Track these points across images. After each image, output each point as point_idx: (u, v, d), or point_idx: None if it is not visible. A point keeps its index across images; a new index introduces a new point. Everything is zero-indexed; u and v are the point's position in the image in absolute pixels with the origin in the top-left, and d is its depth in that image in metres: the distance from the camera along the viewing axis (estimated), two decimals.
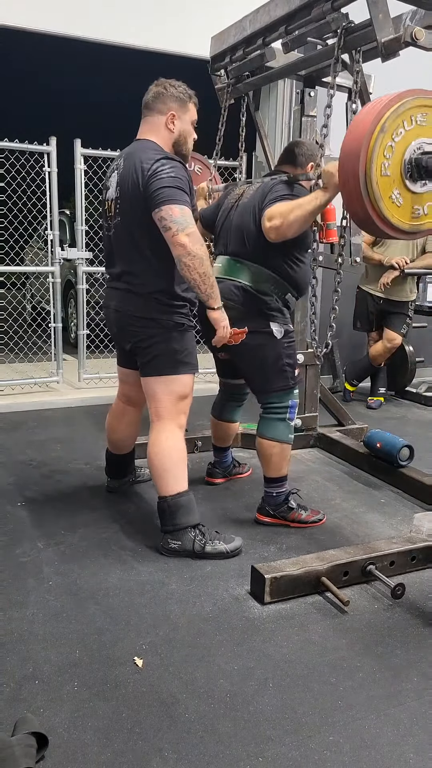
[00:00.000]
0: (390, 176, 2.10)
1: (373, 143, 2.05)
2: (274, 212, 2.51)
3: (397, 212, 2.14)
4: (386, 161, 2.08)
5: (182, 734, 1.63)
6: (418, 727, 1.69)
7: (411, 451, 3.36)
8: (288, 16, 2.73)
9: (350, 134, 2.16)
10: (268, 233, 2.54)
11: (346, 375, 5.39)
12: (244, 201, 2.77)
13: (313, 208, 2.47)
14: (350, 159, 2.13)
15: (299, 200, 2.50)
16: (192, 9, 4.94)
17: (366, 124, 2.08)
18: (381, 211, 2.12)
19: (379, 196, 2.09)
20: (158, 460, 2.53)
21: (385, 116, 2.05)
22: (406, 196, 2.14)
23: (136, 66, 7.02)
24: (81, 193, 5.09)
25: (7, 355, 5.47)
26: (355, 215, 2.25)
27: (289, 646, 2.01)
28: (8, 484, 3.28)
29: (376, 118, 2.06)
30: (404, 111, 2.07)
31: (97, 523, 2.82)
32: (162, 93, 2.47)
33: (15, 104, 10.78)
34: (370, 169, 2.07)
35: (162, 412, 2.55)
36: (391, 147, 2.07)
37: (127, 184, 2.41)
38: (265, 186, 2.70)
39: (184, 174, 2.36)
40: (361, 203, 2.13)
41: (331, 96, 2.57)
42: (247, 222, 2.69)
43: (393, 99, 2.07)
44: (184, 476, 2.56)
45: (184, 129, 2.52)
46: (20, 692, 1.76)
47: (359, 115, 2.17)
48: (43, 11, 4.57)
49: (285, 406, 2.77)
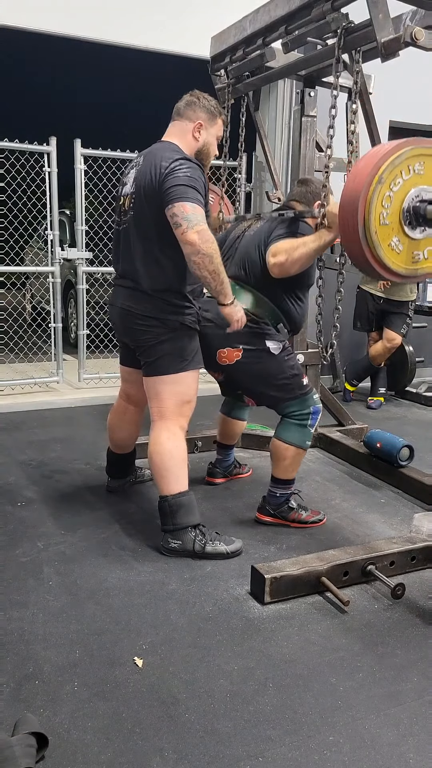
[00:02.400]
0: (389, 225, 2.15)
1: (371, 194, 2.10)
2: (279, 249, 2.57)
3: (397, 258, 2.21)
4: (384, 211, 2.13)
5: (182, 734, 1.63)
6: (418, 727, 1.69)
7: (411, 451, 3.36)
8: (288, 16, 2.73)
9: (348, 185, 2.21)
10: (271, 269, 2.60)
11: (346, 375, 5.39)
12: (250, 233, 2.82)
13: (317, 247, 2.53)
14: (349, 210, 2.18)
15: (304, 239, 2.56)
16: (192, 9, 4.93)
17: (363, 175, 2.13)
18: (380, 258, 2.17)
19: (377, 244, 2.15)
20: (160, 459, 2.53)
21: (382, 168, 2.10)
22: (406, 243, 2.20)
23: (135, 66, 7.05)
24: (81, 193, 5.09)
25: (7, 355, 5.47)
26: (355, 260, 2.31)
27: (289, 646, 2.01)
28: (8, 484, 3.28)
29: (373, 169, 2.10)
30: (401, 162, 2.12)
31: (97, 523, 2.82)
32: (194, 102, 2.53)
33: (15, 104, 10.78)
34: (369, 219, 2.12)
35: (165, 412, 2.55)
36: (390, 197, 2.13)
37: (144, 180, 2.42)
38: (272, 222, 2.75)
39: (200, 176, 2.38)
40: (360, 251, 2.19)
41: (335, 97, 2.57)
42: (251, 253, 2.72)
43: (390, 150, 2.12)
44: (185, 476, 2.56)
45: (209, 141, 2.57)
46: (20, 692, 1.76)
47: (357, 166, 2.21)
48: (43, 11, 4.57)
49: (307, 412, 2.74)
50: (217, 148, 2.63)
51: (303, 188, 2.90)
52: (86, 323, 5.37)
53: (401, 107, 5.22)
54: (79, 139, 5.03)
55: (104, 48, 4.96)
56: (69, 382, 5.37)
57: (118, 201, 2.64)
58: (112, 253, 2.72)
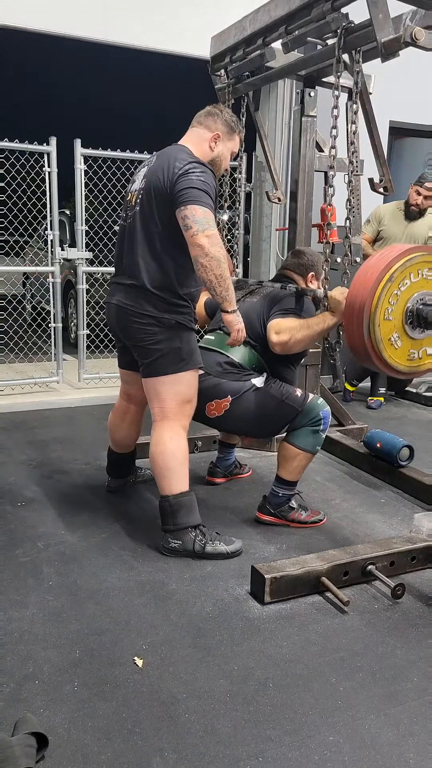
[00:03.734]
0: (392, 321, 2.30)
1: (381, 290, 2.25)
2: (283, 327, 2.63)
3: (395, 353, 2.35)
4: (390, 307, 2.28)
5: (182, 734, 1.63)
6: (418, 727, 1.69)
7: (411, 451, 3.36)
8: (288, 16, 2.74)
9: (360, 277, 2.34)
10: (273, 346, 2.65)
11: (346, 375, 5.39)
12: (252, 300, 2.86)
13: (320, 330, 2.62)
14: (358, 301, 2.31)
15: (308, 321, 2.64)
16: (192, 9, 4.93)
17: (376, 270, 2.27)
18: (380, 351, 2.32)
19: (380, 338, 2.29)
20: (162, 459, 2.53)
21: (394, 267, 2.25)
22: (405, 341, 2.36)
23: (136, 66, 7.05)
24: (81, 193, 5.09)
25: (7, 355, 5.47)
26: (355, 351, 2.43)
27: (289, 646, 2.01)
28: (8, 484, 3.28)
29: (386, 267, 2.25)
30: (411, 265, 2.27)
31: (97, 523, 2.82)
32: (216, 113, 2.55)
33: (15, 104, 10.77)
34: (375, 312, 2.26)
35: (167, 412, 2.55)
36: (397, 295, 2.28)
37: (155, 178, 2.43)
38: (275, 294, 2.80)
39: (213, 182, 2.39)
40: (361, 340, 2.33)
41: (336, 97, 2.58)
42: (252, 320, 2.74)
43: (403, 252, 2.27)
44: (186, 476, 2.56)
45: (223, 154, 2.58)
46: (20, 692, 1.76)
47: (370, 261, 2.36)
48: (43, 11, 4.57)
49: (318, 419, 2.72)
50: (228, 163, 2.66)
51: (296, 260, 2.98)
52: (86, 323, 5.37)
53: (401, 107, 5.23)
54: (79, 139, 5.03)
55: (104, 48, 4.96)
56: (69, 382, 5.37)
57: (126, 197, 2.64)
58: (116, 247, 2.72)
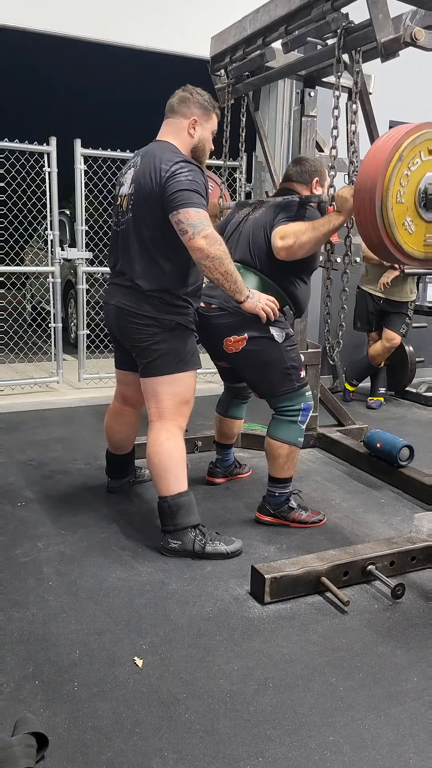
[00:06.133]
0: (404, 204, 2.16)
1: (391, 171, 2.12)
2: (288, 231, 2.55)
3: (410, 239, 2.21)
4: (402, 189, 2.15)
5: (182, 734, 1.63)
6: (418, 727, 1.69)
7: (411, 451, 3.36)
8: (288, 16, 2.73)
9: (368, 161, 2.22)
10: (278, 252, 2.58)
11: (346, 375, 5.39)
12: (255, 216, 2.81)
13: (327, 231, 2.53)
14: (368, 184, 2.19)
15: (313, 222, 2.55)
16: (192, 9, 4.93)
17: (384, 151, 2.14)
18: (394, 237, 2.18)
19: (393, 223, 2.16)
20: (159, 459, 2.53)
21: (403, 146, 2.12)
22: (419, 224, 2.21)
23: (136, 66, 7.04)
24: (81, 193, 5.09)
25: (7, 355, 5.47)
26: (368, 240, 2.30)
27: (289, 646, 2.01)
28: (8, 484, 3.28)
29: (395, 147, 2.13)
30: (421, 142, 2.14)
31: (97, 523, 2.82)
32: (188, 98, 2.50)
33: (15, 104, 10.77)
34: (387, 196, 2.14)
35: (164, 412, 2.55)
36: (407, 175, 2.15)
37: (143, 182, 2.42)
38: (277, 204, 2.74)
39: (200, 178, 2.38)
40: (375, 229, 2.20)
41: (337, 97, 2.57)
42: (257, 236, 2.71)
43: (411, 130, 2.15)
44: (184, 476, 2.56)
45: (204, 137, 2.55)
46: (20, 692, 1.76)
47: (378, 143, 2.23)
48: (43, 11, 4.56)
49: (297, 408, 2.75)
50: (212, 142, 2.61)
51: (298, 168, 2.88)
52: (86, 323, 5.37)
53: (401, 107, 5.23)
54: (79, 139, 5.03)
55: (104, 48, 4.95)
56: (69, 382, 5.37)
57: (116, 201, 2.64)
58: (109, 253, 2.72)
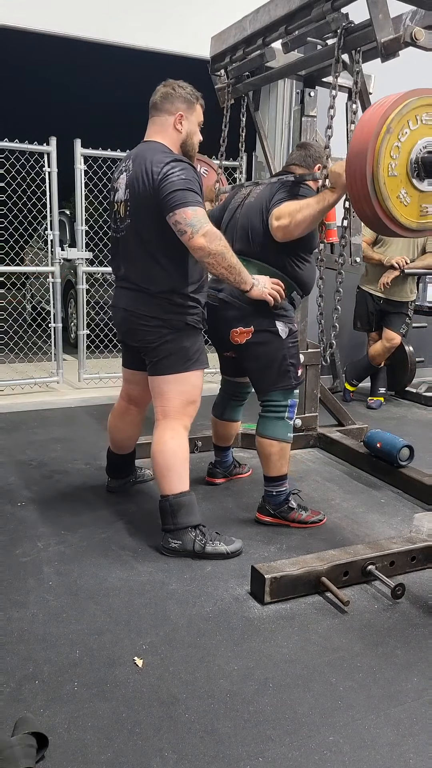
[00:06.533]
0: (397, 176, 2.12)
1: (380, 144, 2.08)
2: (282, 212, 2.54)
3: (405, 211, 2.17)
4: (393, 161, 2.10)
5: (182, 734, 1.63)
6: (418, 727, 1.69)
7: (411, 451, 3.36)
8: (288, 16, 2.73)
9: (357, 136, 2.17)
10: (275, 233, 2.57)
11: (346, 375, 5.39)
12: (250, 200, 2.79)
13: (321, 207, 2.50)
14: (358, 160, 2.15)
15: (307, 200, 2.54)
16: (192, 9, 4.93)
17: (372, 125, 2.10)
18: (389, 211, 2.14)
19: (386, 196, 2.11)
20: (162, 458, 2.53)
21: (390, 117, 2.07)
22: (414, 195, 2.16)
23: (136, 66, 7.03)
24: (81, 193, 5.09)
25: (7, 355, 5.47)
26: (363, 215, 2.27)
27: (289, 646, 2.01)
28: (8, 484, 3.28)
29: (381, 119, 2.08)
30: (409, 111, 2.09)
31: (97, 523, 2.82)
32: (170, 94, 2.49)
33: (15, 104, 10.76)
34: (378, 169, 2.09)
35: (169, 411, 2.55)
36: (398, 147, 2.10)
37: (137, 187, 2.41)
38: (272, 186, 2.73)
39: (193, 175, 2.38)
40: (369, 203, 2.16)
41: (333, 97, 2.57)
42: (254, 221, 2.70)
43: (398, 99, 2.09)
44: (186, 476, 2.56)
45: (191, 130, 2.54)
46: (20, 692, 1.76)
47: (365, 117, 2.18)
48: (43, 11, 4.56)
49: (284, 405, 2.78)
50: (200, 133, 2.60)
51: (302, 152, 2.86)
52: (86, 323, 5.37)
53: None
54: (79, 139, 5.03)
55: (104, 48, 4.95)
56: (69, 382, 5.37)
57: (113, 207, 2.63)
58: (112, 259, 2.72)
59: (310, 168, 2.80)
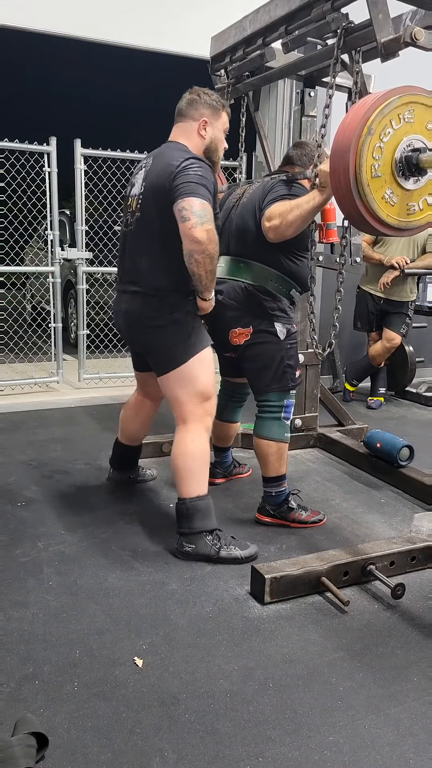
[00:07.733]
0: (381, 177, 2.09)
1: (361, 146, 2.04)
2: (273, 212, 2.55)
3: (392, 211, 2.14)
4: (376, 163, 2.07)
5: (182, 734, 1.63)
6: (418, 727, 1.69)
7: (411, 451, 3.36)
8: (288, 16, 2.73)
9: (338, 138, 2.15)
10: (267, 233, 2.59)
11: (346, 375, 5.39)
12: (244, 201, 2.80)
13: (312, 207, 2.50)
14: (340, 163, 2.13)
15: (298, 200, 2.54)
16: (192, 9, 4.93)
17: (353, 127, 2.07)
18: (375, 212, 2.12)
19: (371, 198, 2.09)
20: (182, 461, 2.52)
21: (371, 118, 2.04)
22: (400, 194, 2.13)
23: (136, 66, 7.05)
24: (81, 193, 5.08)
25: (7, 355, 5.47)
26: (349, 217, 2.25)
27: (289, 646, 2.01)
28: (8, 484, 3.28)
29: (362, 120, 2.04)
30: (390, 111, 2.05)
31: (97, 524, 2.82)
32: (195, 100, 2.50)
33: (15, 104, 10.76)
34: (360, 172, 2.06)
35: (187, 416, 2.53)
36: (380, 148, 2.06)
37: (153, 179, 2.41)
38: (264, 186, 2.73)
39: (210, 176, 2.38)
40: (354, 205, 2.14)
41: (330, 96, 2.57)
42: (247, 221, 2.71)
43: (378, 100, 2.06)
44: (205, 480, 2.55)
45: (216, 136, 2.54)
46: (20, 692, 1.76)
47: (346, 119, 2.15)
48: (43, 11, 4.56)
49: (281, 405, 2.78)
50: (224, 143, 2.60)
51: (298, 151, 2.87)
52: (86, 323, 5.37)
53: None
54: (79, 139, 5.02)
55: (104, 48, 4.95)
56: (69, 382, 5.37)
57: (126, 201, 2.63)
58: (118, 253, 2.72)
59: (305, 167, 2.80)
